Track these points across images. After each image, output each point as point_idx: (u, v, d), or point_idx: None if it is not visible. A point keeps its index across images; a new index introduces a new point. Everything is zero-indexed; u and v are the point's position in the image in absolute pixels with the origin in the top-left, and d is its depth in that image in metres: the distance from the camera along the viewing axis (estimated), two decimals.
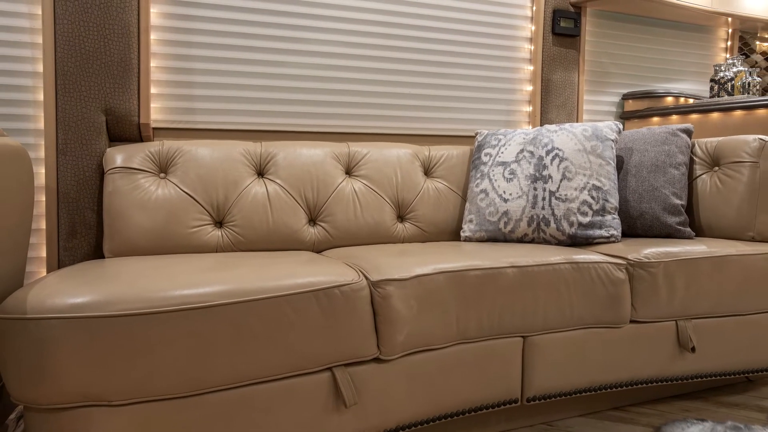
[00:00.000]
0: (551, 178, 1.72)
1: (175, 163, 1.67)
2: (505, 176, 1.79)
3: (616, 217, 1.70)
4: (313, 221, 1.78)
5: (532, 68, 2.37)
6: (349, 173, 1.87)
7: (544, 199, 1.71)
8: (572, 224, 1.68)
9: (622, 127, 1.81)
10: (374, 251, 1.52)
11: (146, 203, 1.60)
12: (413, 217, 1.90)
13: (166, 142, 1.70)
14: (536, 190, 1.72)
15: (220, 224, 1.68)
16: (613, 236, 1.68)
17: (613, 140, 1.76)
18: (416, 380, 1.31)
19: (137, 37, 1.75)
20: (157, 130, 1.83)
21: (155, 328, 1.03)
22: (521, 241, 1.75)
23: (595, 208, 1.68)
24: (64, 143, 1.66)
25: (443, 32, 2.20)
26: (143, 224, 1.58)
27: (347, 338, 1.20)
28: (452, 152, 2.01)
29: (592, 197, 1.68)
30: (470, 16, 2.24)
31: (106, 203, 1.60)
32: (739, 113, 2.23)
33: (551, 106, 2.37)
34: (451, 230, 1.93)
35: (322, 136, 2.05)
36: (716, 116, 2.30)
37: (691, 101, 2.55)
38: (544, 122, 2.36)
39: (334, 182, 1.80)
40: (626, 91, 2.61)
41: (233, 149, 1.74)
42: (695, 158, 1.90)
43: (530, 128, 2.27)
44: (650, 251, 1.56)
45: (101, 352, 1.00)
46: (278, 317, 1.13)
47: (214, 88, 1.89)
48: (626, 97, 2.57)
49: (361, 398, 1.24)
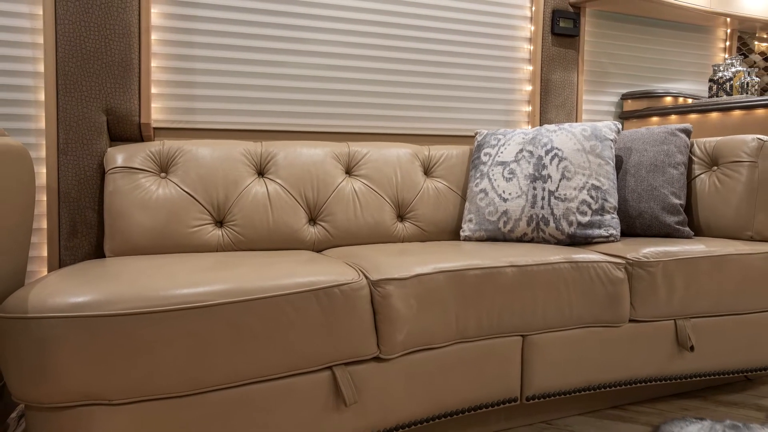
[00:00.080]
0: (550, 177, 1.72)
1: (175, 162, 1.68)
2: (504, 176, 1.79)
3: (615, 216, 1.71)
4: (313, 221, 1.79)
5: (531, 68, 2.37)
6: (349, 173, 1.87)
7: (543, 198, 1.71)
8: (571, 224, 1.68)
9: (621, 126, 1.81)
10: (374, 250, 1.53)
11: (147, 203, 1.60)
12: (413, 216, 1.90)
13: (166, 141, 1.71)
14: (535, 189, 1.73)
15: (220, 224, 1.69)
16: (612, 236, 1.69)
17: (612, 140, 1.76)
18: (416, 379, 1.31)
19: (138, 37, 1.75)
20: (157, 129, 1.84)
21: (155, 327, 1.03)
22: (521, 240, 1.75)
23: (594, 207, 1.68)
24: (65, 143, 1.67)
25: (443, 32, 2.21)
26: (144, 224, 1.58)
27: (347, 337, 1.21)
28: (452, 152, 2.02)
29: (591, 197, 1.69)
30: (469, 16, 2.25)
31: (106, 203, 1.61)
32: (737, 113, 2.24)
33: (550, 106, 2.38)
34: (450, 230, 1.93)
35: (322, 135, 2.05)
36: (715, 116, 2.31)
37: (689, 101, 2.55)
38: (543, 122, 2.37)
39: (334, 182, 1.81)
40: (625, 91, 2.62)
41: (234, 149, 1.74)
42: (694, 158, 1.90)
43: (530, 128, 2.28)
44: (649, 251, 1.56)
45: (102, 351, 1.00)
46: (278, 316, 1.13)
47: (214, 88, 1.90)
48: (625, 97, 2.58)
49: (361, 397, 1.24)
